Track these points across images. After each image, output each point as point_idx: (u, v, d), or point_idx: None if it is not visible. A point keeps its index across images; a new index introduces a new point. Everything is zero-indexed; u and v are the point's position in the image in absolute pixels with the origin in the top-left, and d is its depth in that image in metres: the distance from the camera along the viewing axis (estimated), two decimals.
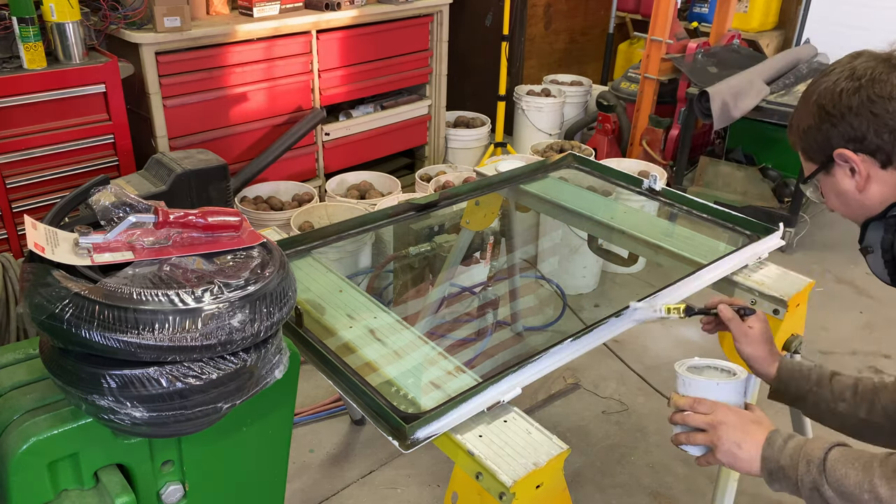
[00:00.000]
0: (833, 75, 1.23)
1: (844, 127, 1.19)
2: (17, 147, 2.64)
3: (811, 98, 1.25)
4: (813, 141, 1.25)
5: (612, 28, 5.21)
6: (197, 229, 1.13)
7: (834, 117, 1.20)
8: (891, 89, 1.16)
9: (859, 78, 1.18)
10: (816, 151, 1.25)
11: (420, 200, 2.08)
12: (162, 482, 1.24)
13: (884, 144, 1.17)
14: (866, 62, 1.20)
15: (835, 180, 1.25)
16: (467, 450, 1.25)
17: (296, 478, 2.35)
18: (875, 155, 1.18)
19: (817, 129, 1.23)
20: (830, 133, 1.21)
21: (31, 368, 1.19)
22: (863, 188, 1.21)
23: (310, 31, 3.43)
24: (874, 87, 1.17)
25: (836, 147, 1.21)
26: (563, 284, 3.35)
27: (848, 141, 1.19)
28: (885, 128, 1.16)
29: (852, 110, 1.18)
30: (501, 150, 4.44)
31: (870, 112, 1.16)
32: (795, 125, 1.29)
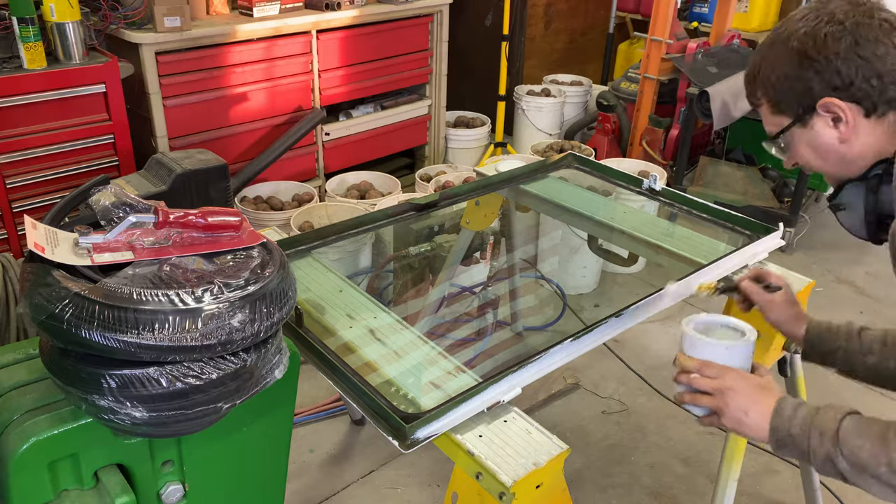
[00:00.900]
0: (808, 20, 1.15)
1: (830, 73, 1.12)
2: (17, 147, 2.64)
3: (787, 43, 1.16)
4: (790, 90, 1.17)
5: (612, 28, 5.21)
6: (197, 229, 1.13)
7: (818, 62, 1.12)
8: (877, 32, 1.11)
9: (842, 21, 1.12)
10: (792, 101, 1.18)
11: (420, 200, 2.08)
12: (162, 482, 1.24)
13: (871, 91, 1.11)
14: (842, 6, 1.14)
15: (813, 133, 1.18)
16: (467, 450, 1.25)
17: (296, 478, 2.35)
18: (861, 102, 1.13)
19: (797, 76, 1.15)
20: (813, 81, 1.14)
21: (31, 368, 1.19)
22: (847, 138, 1.15)
23: (310, 31, 3.43)
24: (860, 30, 1.11)
25: (819, 95, 1.14)
26: (563, 284, 3.35)
27: (834, 88, 1.13)
28: (873, 72, 1.11)
29: (839, 55, 1.11)
30: (501, 150, 4.44)
31: (857, 56, 1.10)
32: (765, 74, 1.20)
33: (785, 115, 1.20)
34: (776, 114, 1.21)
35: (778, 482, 2.41)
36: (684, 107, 3.90)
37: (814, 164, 1.22)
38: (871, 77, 1.10)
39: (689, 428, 2.58)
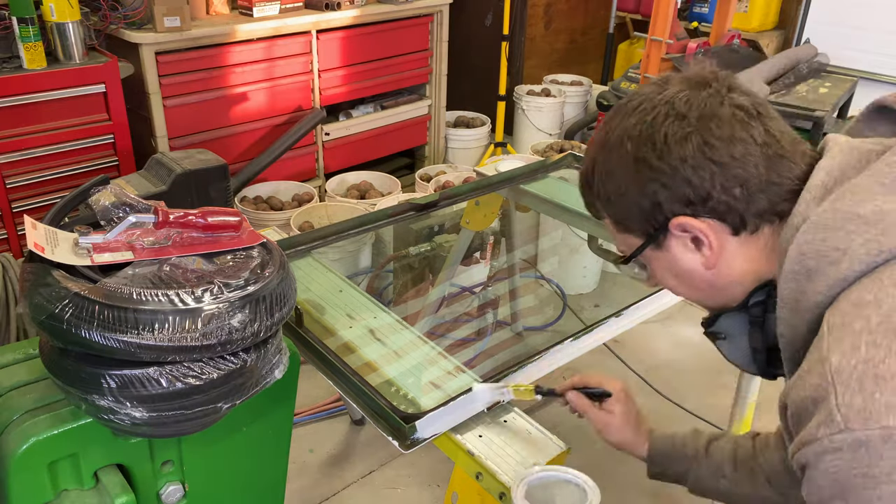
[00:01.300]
0: (643, 112, 0.89)
1: (678, 185, 0.87)
2: (17, 147, 2.64)
3: (621, 146, 0.90)
4: (632, 207, 0.92)
5: (612, 28, 5.21)
6: (197, 229, 1.13)
7: (662, 174, 0.87)
8: (730, 126, 0.86)
9: (684, 115, 0.86)
10: (637, 220, 0.93)
11: (420, 200, 2.08)
12: (162, 482, 1.24)
13: (735, 202, 0.86)
14: (682, 91, 0.89)
15: (669, 257, 0.94)
16: (467, 450, 1.25)
17: (296, 478, 2.35)
18: (725, 218, 0.88)
19: (638, 191, 0.89)
20: (659, 194, 0.88)
21: (31, 368, 1.19)
22: (713, 264, 0.91)
23: (310, 31, 3.43)
24: (709, 125, 0.86)
25: (669, 213, 0.89)
26: (563, 284, 3.35)
27: (686, 204, 0.88)
28: (733, 181, 0.85)
29: (687, 161, 0.86)
30: (501, 150, 4.44)
31: (711, 161, 0.85)
32: (599, 185, 0.95)
33: (632, 234, 0.96)
34: (623, 231, 0.97)
35: None
36: None
37: (681, 292, 1.00)
38: (732, 187, 0.86)
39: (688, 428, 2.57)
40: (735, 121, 0.86)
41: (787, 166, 0.87)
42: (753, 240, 0.90)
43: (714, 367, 2.70)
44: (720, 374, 2.73)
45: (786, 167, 0.87)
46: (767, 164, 0.86)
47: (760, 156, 0.86)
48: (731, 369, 1.43)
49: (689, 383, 2.78)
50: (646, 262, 0.98)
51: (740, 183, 0.86)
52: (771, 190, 0.86)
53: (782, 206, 0.87)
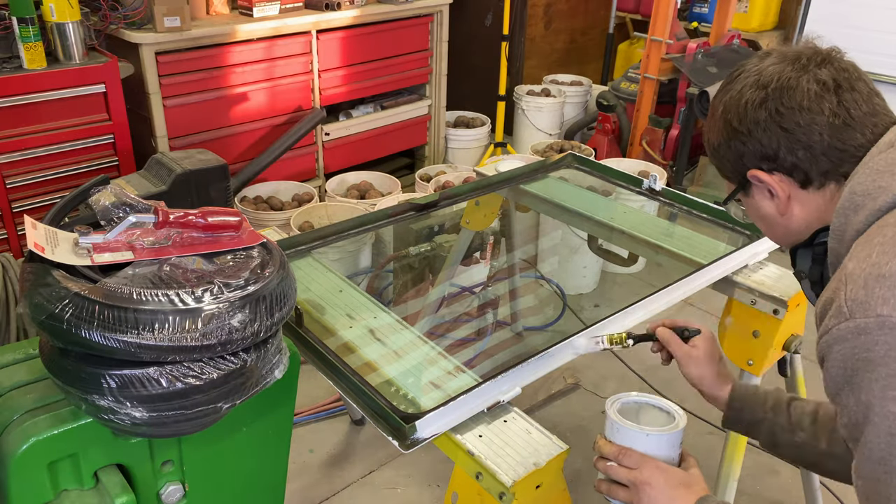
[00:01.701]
0: (738, 82, 1.07)
1: (754, 144, 1.04)
2: (17, 147, 2.64)
3: (717, 111, 1.10)
4: (725, 160, 1.10)
5: (612, 28, 5.21)
6: (197, 229, 1.13)
7: (742, 134, 1.05)
8: (801, 97, 1.00)
9: (765, 86, 1.02)
10: (731, 171, 1.11)
11: (420, 200, 2.08)
12: (162, 482, 1.24)
13: (799, 162, 1.01)
14: (773, 65, 1.04)
15: (754, 202, 1.11)
16: (467, 450, 1.25)
17: (296, 478, 2.35)
18: (792, 174, 1.03)
19: (727, 146, 1.08)
20: (741, 151, 1.06)
21: (31, 368, 1.19)
22: (784, 211, 1.07)
23: (310, 31, 3.43)
24: (782, 96, 1.01)
25: (749, 167, 1.06)
26: (563, 284, 3.35)
27: (761, 159, 1.04)
28: (797, 144, 1.00)
29: (760, 125, 1.02)
30: (501, 150, 4.44)
31: (779, 127, 1.01)
32: (706, 141, 1.14)
33: (730, 180, 1.14)
34: (726, 179, 1.15)
35: (778, 482, 2.41)
36: (684, 107, 3.90)
37: (765, 232, 1.16)
38: (797, 149, 1.01)
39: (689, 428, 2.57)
40: (809, 93, 0.99)
41: (852, 135, 0.99)
42: (820, 193, 1.03)
43: None
44: None
45: (851, 136, 0.99)
46: (832, 132, 0.99)
47: (826, 125, 0.99)
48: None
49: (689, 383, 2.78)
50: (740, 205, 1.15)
51: (804, 146, 1.00)
52: (834, 154, 0.99)
53: (846, 167, 0.99)
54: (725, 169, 1.12)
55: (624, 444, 1.13)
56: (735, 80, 1.08)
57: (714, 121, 1.10)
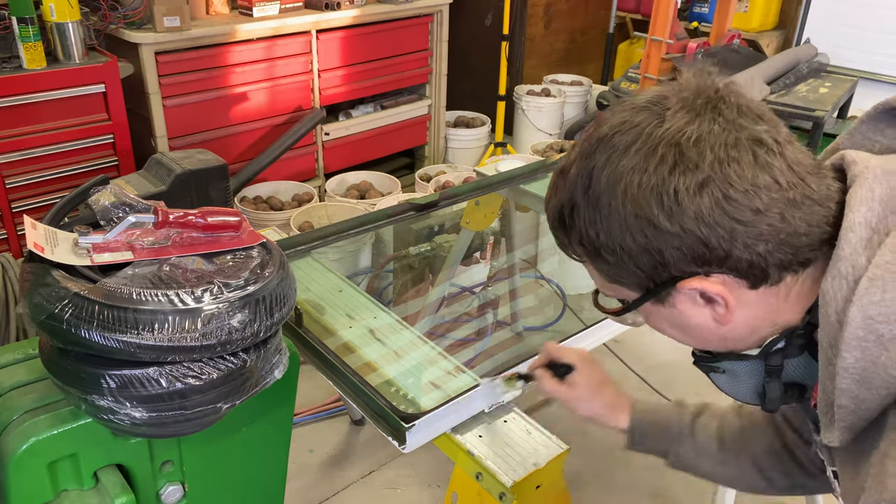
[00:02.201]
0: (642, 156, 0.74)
1: (691, 246, 0.74)
2: (17, 147, 2.64)
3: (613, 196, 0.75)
4: (628, 264, 0.78)
5: (612, 28, 5.21)
6: (197, 229, 1.13)
7: (673, 235, 0.74)
8: (751, 170, 0.72)
9: (696, 164, 0.72)
10: (633, 276, 0.80)
11: (420, 200, 2.08)
12: (162, 482, 1.24)
13: (758, 259, 0.74)
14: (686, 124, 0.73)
15: (675, 312, 0.82)
16: (467, 450, 1.25)
17: (296, 478, 2.35)
18: (746, 274, 0.76)
19: (641, 248, 0.76)
20: (667, 253, 0.75)
21: (31, 368, 1.19)
22: (726, 320, 0.80)
23: (310, 30, 3.42)
24: (727, 174, 0.72)
25: (676, 271, 0.77)
26: (563, 284, 3.34)
27: (699, 263, 0.75)
28: (757, 238, 0.73)
29: (703, 220, 0.72)
30: (501, 150, 4.44)
31: (732, 220, 0.72)
32: (582, 237, 0.79)
33: (626, 287, 0.82)
34: (611, 282, 0.83)
35: None
36: None
37: (686, 342, 0.88)
38: (756, 245, 0.74)
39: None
40: (756, 164, 0.72)
41: (814, 210, 0.75)
42: (773, 291, 0.78)
43: None
44: None
45: (814, 213, 0.75)
46: (793, 213, 0.74)
47: (785, 202, 0.73)
48: None
49: (688, 383, 2.78)
50: (640, 311, 0.85)
51: (765, 239, 0.73)
52: (797, 240, 0.75)
53: (808, 255, 0.76)
54: (621, 276, 0.80)
55: None
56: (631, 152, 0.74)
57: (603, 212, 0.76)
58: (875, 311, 0.70)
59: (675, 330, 0.86)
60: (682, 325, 0.84)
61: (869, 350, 0.71)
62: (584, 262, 0.84)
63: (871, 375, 0.71)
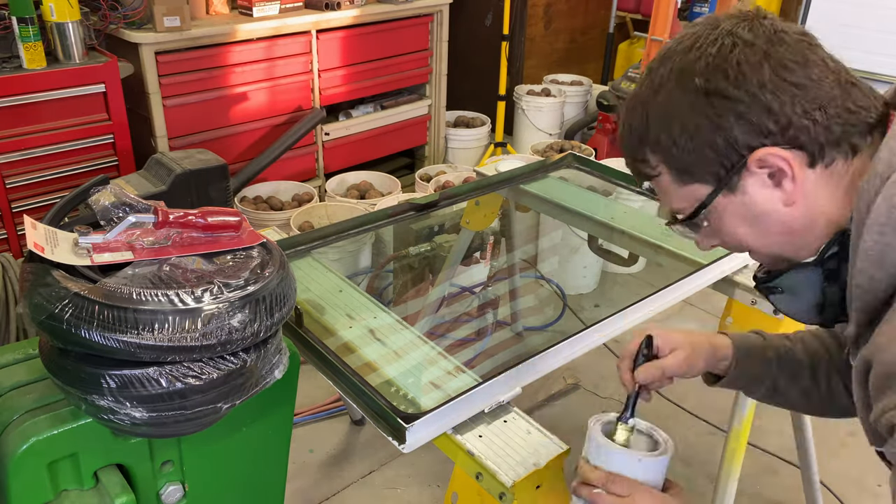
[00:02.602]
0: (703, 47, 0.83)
1: (758, 113, 0.80)
2: (17, 147, 2.64)
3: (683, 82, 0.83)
4: (703, 147, 0.83)
5: (612, 28, 5.21)
6: (197, 229, 1.13)
7: (739, 102, 0.80)
8: (801, 48, 0.82)
9: (751, 42, 0.81)
10: (708, 163, 0.84)
11: (420, 200, 2.08)
12: (162, 482, 1.24)
13: (815, 128, 0.81)
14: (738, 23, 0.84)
15: (745, 199, 0.86)
16: (467, 450, 1.25)
17: (296, 478, 2.35)
18: (805, 146, 0.81)
19: (712, 126, 0.82)
20: (735, 128, 0.81)
21: (31, 368, 1.19)
22: (794, 199, 0.84)
23: (310, 30, 3.42)
24: (780, 49, 0.81)
25: (745, 148, 0.82)
26: (563, 284, 3.35)
27: (765, 135, 0.81)
28: (814, 102, 0.80)
29: (765, 86, 0.80)
30: (501, 150, 4.44)
31: (790, 84, 0.80)
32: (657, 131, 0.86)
33: (699, 182, 0.87)
34: (685, 183, 0.88)
35: (778, 482, 2.41)
36: None
37: (749, 243, 0.91)
38: (813, 110, 0.80)
39: (688, 428, 2.58)
40: (803, 45, 0.83)
41: (859, 96, 0.83)
42: (827, 174, 0.83)
43: None
44: None
45: (859, 96, 0.83)
46: (841, 90, 0.82)
47: (835, 80, 0.82)
48: None
49: (689, 383, 2.78)
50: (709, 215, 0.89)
51: (820, 105, 0.80)
52: (846, 117, 0.82)
53: (856, 138, 0.83)
54: (698, 164, 0.85)
55: (611, 468, 1.01)
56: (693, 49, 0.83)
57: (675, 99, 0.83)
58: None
59: (747, 226, 0.88)
60: (753, 215, 0.87)
61: (886, 234, 0.77)
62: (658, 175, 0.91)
63: (885, 256, 0.77)
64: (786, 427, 2.26)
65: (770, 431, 2.52)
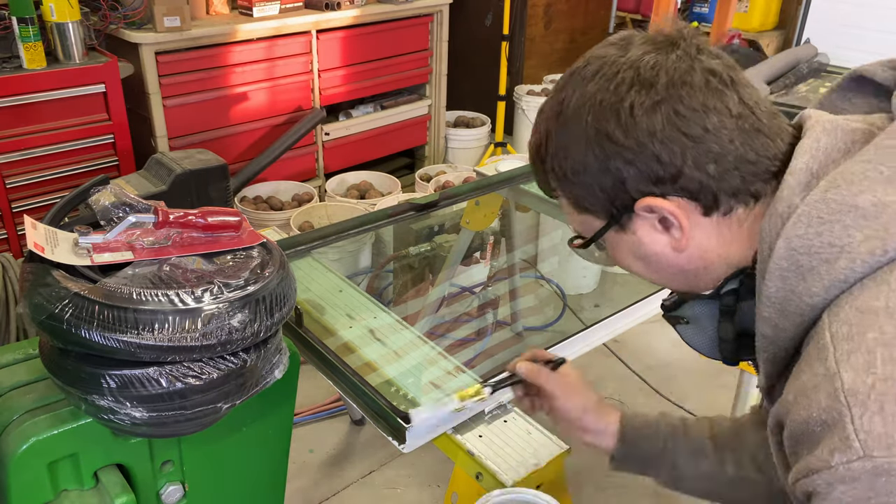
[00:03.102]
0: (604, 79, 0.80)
1: (646, 162, 0.78)
2: (17, 147, 2.64)
3: (579, 117, 0.81)
4: (592, 187, 0.82)
5: (612, 28, 5.21)
6: (197, 229, 1.13)
7: (627, 149, 0.78)
8: (703, 95, 0.77)
9: (651, 83, 0.78)
10: (598, 200, 0.83)
11: (420, 200, 2.08)
12: (162, 482, 1.24)
13: (708, 180, 0.78)
14: (646, 53, 0.80)
15: (635, 239, 0.85)
16: (467, 450, 1.25)
17: (296, 478, 2.35)
18: (697, 196, 0.79)
19: (601, 168, 0.80)
20: (624, 172, 0.79)
21: (31, 368, 1.19)
22: (683, 246, 0.82)
23: (310, 30, 3.43)
24: (679, 94, 0.77)
25: (636, 191, 0.80)
26: (563, 284, 3.35)
27: (654, 182, 0.79)
28: (708, 155, 0.77)
29: (655, 136, 0.77)
30: (501, 150, 4.44)
31: (682, 134, 0.77)
32: (555, 160, 0.84)
33: (592, 215, 0.86)
34: (581, 212, 0.87)
35: None
36: None
37: (646, 276, 0.91)
38: (706, 163, 0.77)
39: None
40: (708, 89, 0.78)
41: (763, 143, 0.79)
42: (726, 222, 0.81)
43: (714, 367, 2.70)
44: (720, 374, 2.73)
45: (762, 143, 0.79)
46: (743, 139, 0.78)
47: (735, 129, 0.78)
48: (730, 369, 1.43)
49: (689, 383, 2.78)
50: (606, 243, 0.88)
51: (714, 159, 0.77)
52: (746, 168, 0.78)
53: (757, 185, 0.79)
54: (589, 199, 0.84)
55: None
56: (595, 78, 0.80)
57: (572, 133, 0.81)
58: (798, 244, 0.73)
59: (638, 261, 0.88)
60: (643, 254, 0.86)
61: (789, 279, 0.74)
62: (558, 196, 0.89)
63: (788, 303, 0.75)
64: None
65: None
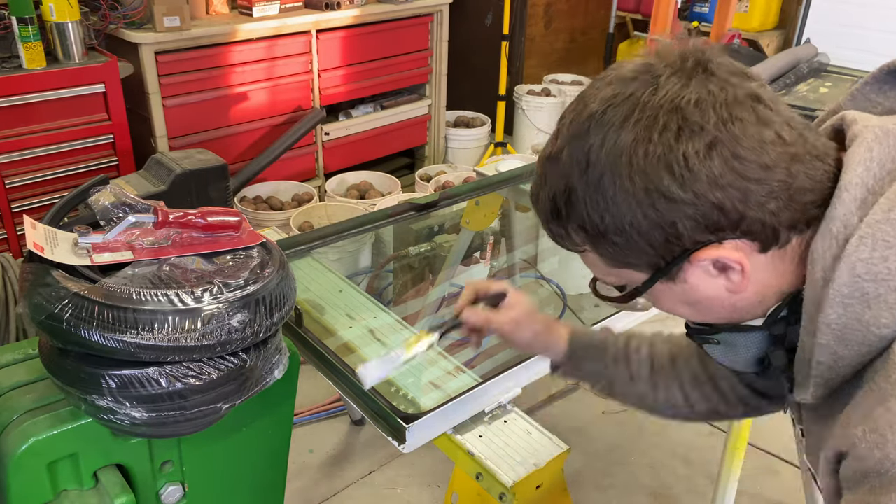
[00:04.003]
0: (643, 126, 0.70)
1: (706, 213, 0.70)
2: (17, 147, 2.64)
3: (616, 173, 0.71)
4: (640, 243, 0.74)
5: (612, 28, 5.21)
6: (196, 229, 1.13)
7: (686, 204, 0.70)
8: (755, 127, 0.70)
9: (700, 125, 0.69)
10: (644, 255, 0.75)
11: (420, 200, 2.08)
12: (161, 482, 1.24)
13: (770, 218, 0.71)
14: (682, 88, 0.71)
15: (685, 287, 0.78)
16: (467, 450, 1.25)
17: (296, 478, 2.35)
18: (758, 236, 0.73)
19: (652, 223, 0.72)
20: (679, 224, 0.71)
21: (31, 368, 1.19)
22: (742, 289, 0.76)
23: (310, 30, 3.42)
24: (733, 131, 0.69)
25: (690, 243, 0.73)
26: (563, 284, 3.34)
27: (713, 230, 0.72)
28: (769, 195, 0.70)
29: (717, 184, 0.69)
30: (501, 149, 4.44)
31: (743, 178, 0.69)
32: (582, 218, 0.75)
33: (632, 269, 0.78)
34: (617, 267, 0.79)
35: (778, 482, 2.41)
36: None
37: (693, 318, 0.85)
38: (767, 202, 0.71)
39: (689, 428, 2.58)
40: (758, 120, 0.71)
41: (816, 167, 0.73)
42: (780, 254, 0.75)
43: None
44: None
45: (815, 167, 0.73)
46: (797, 168, 0.72)
47: (790, 158, 0.71)
48: None
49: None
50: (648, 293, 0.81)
51: (775, 195, 0.71)
52: (805, 197, 0.72)
53: (813, 212, 0.73)
54: (630, 256, 0.76)
55: None
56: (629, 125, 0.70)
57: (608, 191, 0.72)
58: (863, 270, 0.69)
59: (686, 307, 0.82)
60: (694, 300, 0.79)
61: (852, 307, 0.70)
62: (584, 252, 0.80)
63: (851, 332, 0.71)
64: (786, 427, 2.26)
65: (770, 431, 2.52)
